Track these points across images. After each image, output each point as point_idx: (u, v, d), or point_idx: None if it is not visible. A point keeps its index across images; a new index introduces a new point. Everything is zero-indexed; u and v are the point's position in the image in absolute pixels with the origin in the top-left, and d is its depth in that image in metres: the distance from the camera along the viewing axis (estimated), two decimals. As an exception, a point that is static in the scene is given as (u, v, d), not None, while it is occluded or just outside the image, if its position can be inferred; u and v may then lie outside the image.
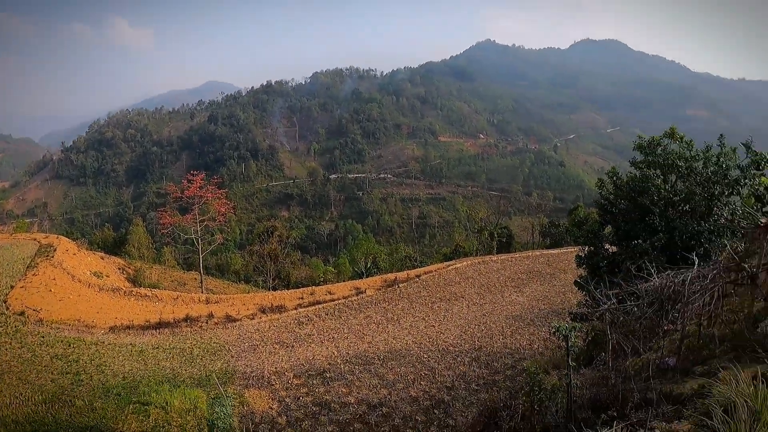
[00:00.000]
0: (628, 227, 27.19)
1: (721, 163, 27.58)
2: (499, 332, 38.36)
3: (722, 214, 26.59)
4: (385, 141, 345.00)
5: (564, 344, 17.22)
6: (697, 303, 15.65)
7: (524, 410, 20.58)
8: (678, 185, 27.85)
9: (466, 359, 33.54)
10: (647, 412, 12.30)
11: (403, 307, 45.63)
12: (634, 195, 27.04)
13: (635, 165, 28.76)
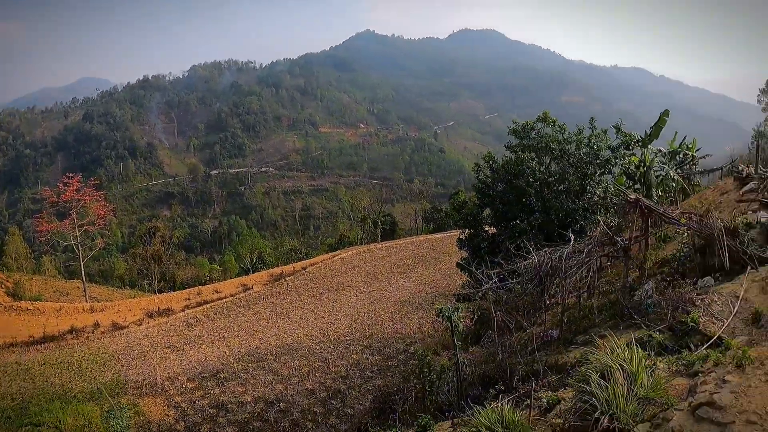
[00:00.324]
0: (506, 209, 28.06)
1: (593, 144, 28.88)
2: (388, 318, 38.84)
3: (595, 192, 27.86)
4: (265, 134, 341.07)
5: (449, 325, 17.70)
6: (575, 277, 16.34)
7: (417, 392, 20.97)
8: (552, 167, 28.97)
9: (359, 347, 33.82)
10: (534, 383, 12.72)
11: (292, 301, 45.59)
12: (510, 178, 27.91)
13: (510, 149, 29.68)
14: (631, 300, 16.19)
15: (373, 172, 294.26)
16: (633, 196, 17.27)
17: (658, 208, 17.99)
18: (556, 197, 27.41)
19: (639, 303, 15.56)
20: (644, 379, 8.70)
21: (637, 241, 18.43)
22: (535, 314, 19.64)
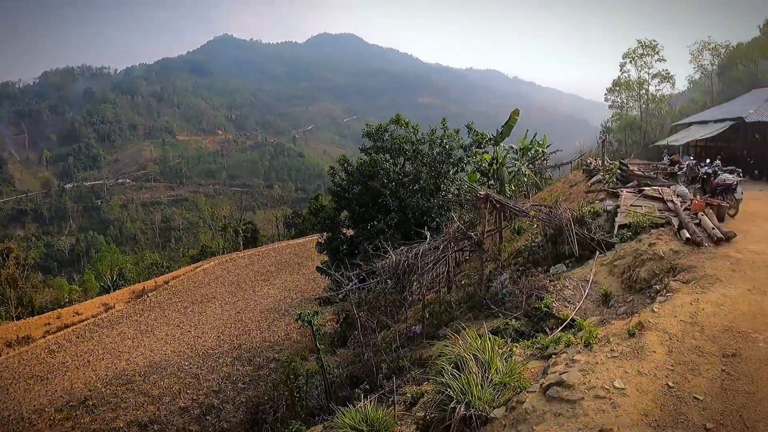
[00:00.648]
0: (362, 210, 28.28)
1: (445, 144, 29.57)
2: (256, 327, 38.32)
3: (449, 189, 28.56)
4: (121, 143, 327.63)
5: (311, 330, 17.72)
6: (432, 273, 16.68)
7: (287, 399, 20.84)
8: (407, 167, 29.45)
9: (228, 359, 33.17)
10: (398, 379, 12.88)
11: (156, 317, 44.15)
12: (365, 180, 28.12)
13: (365, 151, 29.94)
14: (488, 291, 16.68)
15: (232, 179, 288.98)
16: (483, 192, 17.82)
17: (508, 203, 18.67)
18: (411, 196, 27.89)
19: (496, 293, 16.06)
20: (499, 365, 8.95)
21: (491, 235, 19.06)
22: (398, 312, 19.91)
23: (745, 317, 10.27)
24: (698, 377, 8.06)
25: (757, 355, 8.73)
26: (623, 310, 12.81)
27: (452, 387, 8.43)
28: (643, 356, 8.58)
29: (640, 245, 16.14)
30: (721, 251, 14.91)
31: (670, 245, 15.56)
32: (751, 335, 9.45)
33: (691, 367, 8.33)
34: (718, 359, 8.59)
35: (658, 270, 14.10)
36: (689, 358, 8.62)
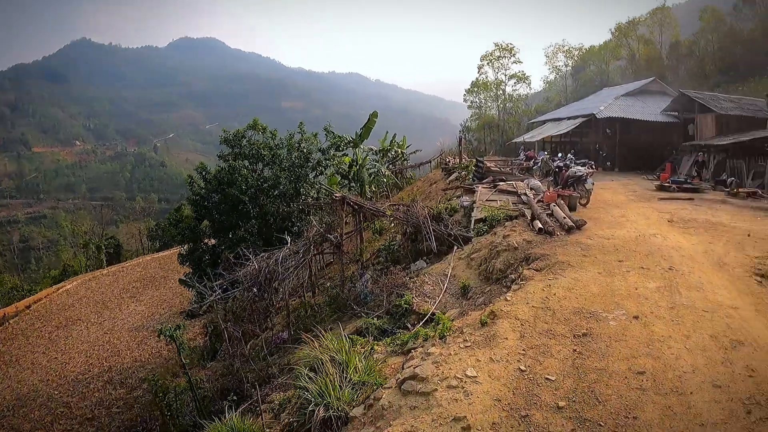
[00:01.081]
0: (223, 219, 27.80)
1: (303, 148, 29.53)
2: (125, 347, 36.98)
3: (309, 194, 28.55)
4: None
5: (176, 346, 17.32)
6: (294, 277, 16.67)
7: (158, 420, 20.32)
8: (266, 172, 29.20)
9: (99, 384, 31.72)
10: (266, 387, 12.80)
11: (20, 345, 41.80)
12: (224, 187, 27.64)
13: (223, 158, 29.48)
14: (351, 292, 16.82)
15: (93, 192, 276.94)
16: (339, 194, 17.95)
17: (365, 203, 18.88)
18: (272, 202, 27.68)
19: (358, 294, 16.20)
20: (357, 364, 9.01)
21: (350, 236, 19.22)
22: (264, 319, 19.77)
23: (596, 298, 10.81)
24: (550, 359, 8.34)
25: (606, 332, 9.18)
26: (481, 300, 13.15)
27: (310, 390, 8.45)
28: (495, 344, 8.80)
29: (495, 238, 16.68)
30: (572, 239, 15.72)
31: (523, 236, 16.18)
32: (601, 314, 9.94)
33: (542, 350, 8.61)
34: (569, 340, 8.95)
35: (512, 260, 14.59)
36: (541, 341, 8.92)
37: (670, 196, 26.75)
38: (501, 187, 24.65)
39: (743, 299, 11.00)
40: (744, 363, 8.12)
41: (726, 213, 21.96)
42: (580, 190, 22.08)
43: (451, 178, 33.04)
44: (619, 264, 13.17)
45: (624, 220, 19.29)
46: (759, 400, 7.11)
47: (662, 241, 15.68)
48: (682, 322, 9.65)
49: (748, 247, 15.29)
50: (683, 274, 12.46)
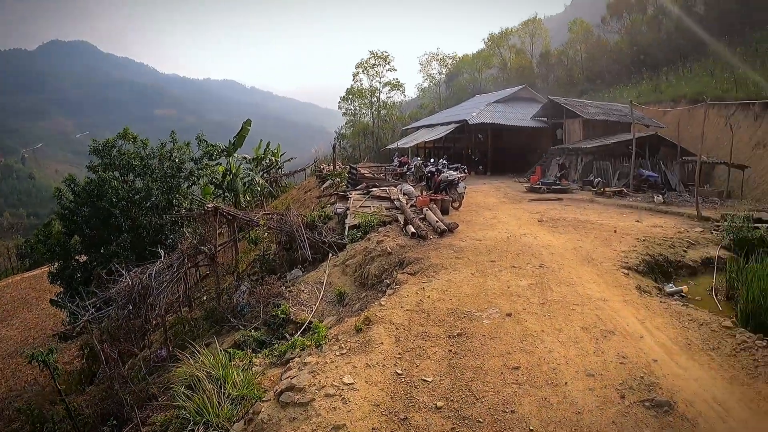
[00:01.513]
0: (94, 233, 26.79)
1: (175, 157, 28.90)
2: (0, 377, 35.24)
3: (182, 204, 27.95)
4: None
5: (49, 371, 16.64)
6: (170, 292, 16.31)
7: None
8: (137, 183, 28.35)
9: (-27, 420, 30.08)
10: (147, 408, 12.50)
11: None
12: (94, 200, 26.64)
13: (92, 169, 28.40)
14: (227, 305, 16.62)
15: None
16: (211, 205, 17.68)
17: (238, 213, 18.65)
18: (144, 215, 26.85)
19: (236, 306, 16.04)
20: (236, 379, 8.87)
21: (225, 248, 18.99)
22: (142, 338, 19.28)
23: (469, 298, 11.01)
24: (426, 360, 8.39)
25: (481, 331, 9.35)
26: (357, 306, 13.18)
27: (188, 409, 8.31)
28: (371, 349, 8.80)
29: (370, 244, 16.78)
30: (445, 241, 16.03)
31: (397, 241, 16.35)
32: (475, 314, 10.13)
33: (418, 353, 8.67)
34: (444, 341, 9.05)
35: (387, 265, 14.68)
36: (416, 344, 8.99)
37: (540, 197, 27.76)
38: (374, 193, 24.86)
39: (612, 291, 11.50)
40: (615, 351, 8.46)
41: (593, 211, 23.08)
42: (453, 194, 22.52)
43: (325, 186, 33.13)
44: (491, 264, 13.50)
45: (496, 221, 19.89)
46: (632, 385, 7.41)
47: (533, 241, 16.24)
48: (554, 316, 9.97)
49: (615, 243, 16.06)
50: (554, 270, 12.93)
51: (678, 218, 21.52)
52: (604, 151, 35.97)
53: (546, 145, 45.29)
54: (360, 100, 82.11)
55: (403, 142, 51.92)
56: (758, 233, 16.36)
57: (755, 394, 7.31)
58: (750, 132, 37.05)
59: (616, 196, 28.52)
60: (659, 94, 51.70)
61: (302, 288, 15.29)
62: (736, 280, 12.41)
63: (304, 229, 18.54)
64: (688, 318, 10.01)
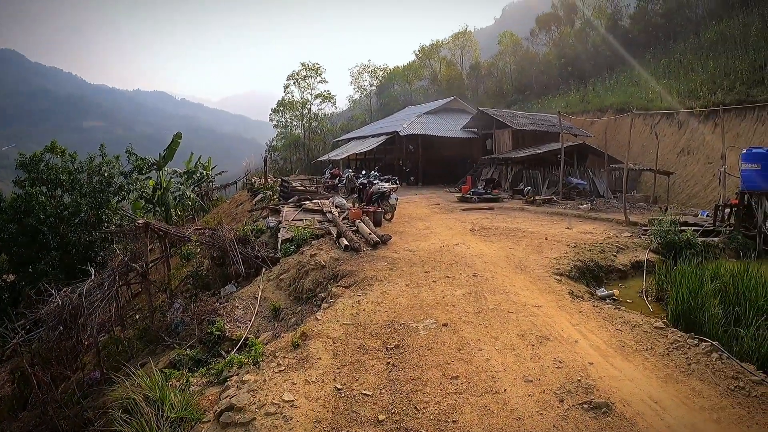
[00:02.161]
0: (21, 251, 26.03)
1: (104, 171, 28.29)
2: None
3: (112, 220, 27.36)
4: None
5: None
6: (101, 311, 15.92)
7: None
8: (66, 199, 27.66)
9: None
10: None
11: None
12: (21, 217, 25.88)
13: (18, 184, 27.61)
14: (161, 323, 16.33)
15: None
16: (142, 220, 17.38)
17: (169, 229, 18.35)
18: (73, 231, 26.18)
19: (169, 324, 15.76)
20: (174, 400, 8.69)
21: (156, 264, 18.66)
22: (74, 360, 18.78)
23: (405, 310, 10.99)
24: (365, 374, 8.32)
25: (418, 342, 9.32)
26: (293, 321, 13.06)
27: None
28: (310, 365, 8.68)
29: (303, 257, 16.68)
30: (379, 253, 16.05)
31: (330, 254, 16.29)
32: (411, 325, 10.11)
33: (357, 366, 8.58)
34: (382, 353, 8.99)
35: (321, 279, 14.60)
36: (355, 357, 8.91)
37: (472, 207, 28.04)
38: (307, 206, 24.80)
39: (545, 298, 11.67)
40: (551, 356, 8.56)
41: (524, 219, 23.46)
42: (385, 205, 22.57)
43: (257, 199, 32.85)
44: (425, 275, 13.54)
45: (428, 232, 20.03)
46: (569, 389, 7.49)
47: (466, 250, 16.37)
48: (489, 324, 10.03)
49: (547, 250, 16.33)
50: (487, 279, 13.04)
51: (607, 224, 22.08)
52: (534, 161, 36.64)
53: (476, 155, 46.01)
54: (291, 112, 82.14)
55: (335, 154, 52.02)
56: (685, 236, 17.02)
57: (690, 390, 7.51)
58: (674, 139, 38.33)
59: (546, 204, 29.01)
60: (587, 104, 53.06)
61: (237, 304, 15.12)
62: (665, 282, 12.85)
63: (236, 244, 18.33)
64: (621, 320, 10.26)
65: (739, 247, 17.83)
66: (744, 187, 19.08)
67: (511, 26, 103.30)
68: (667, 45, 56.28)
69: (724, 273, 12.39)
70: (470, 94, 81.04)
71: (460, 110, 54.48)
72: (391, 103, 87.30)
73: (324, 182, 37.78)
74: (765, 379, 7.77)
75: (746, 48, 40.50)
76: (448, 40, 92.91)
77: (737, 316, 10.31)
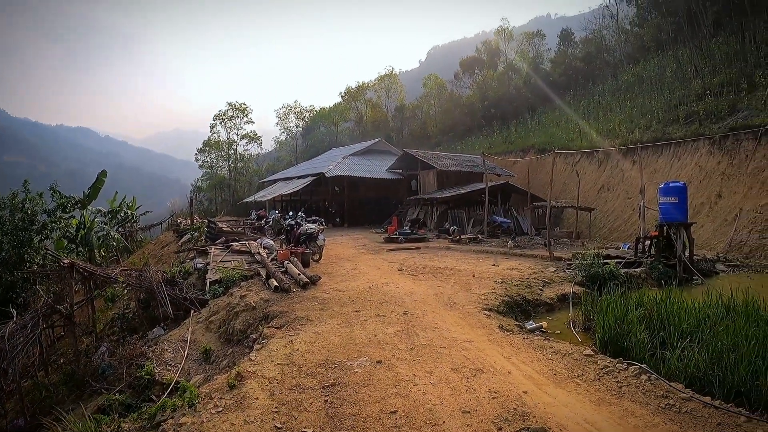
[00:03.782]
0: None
1: (27, 209, 27.49)
2: None
3: (34, 260, 26.53)
4: None
5: None
6: (24, 355, 15.43)
7: None
8: (-12, 236, 26.86)
9: None
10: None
11: None
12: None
13: None
14: (88, 367, 15.91)
15: None
16: (67, 261, 16.98)
17: (95, 270, 17.97)
18: (-7, 271, 25.44)
19: (96, 368, 15.38)
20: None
21: (81, 306, 18.20)
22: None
23: (338, 349, 11.01)
24: (304, 412, 8.27)
25: (354, 380, 9.34)
26: (225, 363, 12.93)
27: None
28: (247, 405, 8.60)
29: (232, 299, 16.57)
30: (309, 294, 16.09)
31: (260, 295, 16.27)
32: (346, 363, 10.13)
33: (295, 405, 8.53)
34: (319, 392, 8.97)
35: (252, 320, 14.52)
36: (292, 396, 8.86)
37: (398, 247, 28.29)
38: (234, 247, 24.71)
39: (476, 332, 11.85)
40: (486, 388, 8.68)
41: (451, 258, 23.81)
42: (312, 246, 22.79)
43: (184, 240, 32.45)
44: (356, 314, 13.62)
45: (357, 272, 20.18)
46: (506, 417, 7.59)
47: (395, 289, 16.54)
48: (423, 360, 10.12)
49: (475, 286, 16.64)
50: (418, 316, 13.17)
51: (532, 260, 22.65)
52: (459, 200, 37.21)
53: (402, 196, 46.50)
54: (217, 152, 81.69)
55: (261, 195, 51.94)
56: (608, 268, 17.60)
57: (623, 411, 7.74)
58: (594, 177, 39.47)
59: (471, 242, 29.50)
60: (509, 144, 54.34)
61: (165, 347, 14.84)
62: (591, 312, 13.27)
63: (164, 285, 18.06)
64: (551, 350, 10.53)
65: (661, 276, 18.63)
66: (663, 220, 19.91)
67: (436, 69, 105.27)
68: (586, 87, 58.34)
69: (648, 301, 12.85)
70: (395, 135, 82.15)
71: (385, 151, 55.25)
72: (317, 144, 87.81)
73: (251, 223, 37.59)
74: (693, 395, 8.12)
75: (662, 88, 42.29)
76: (374, 82, 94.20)
77: (663, 340, 10.71)
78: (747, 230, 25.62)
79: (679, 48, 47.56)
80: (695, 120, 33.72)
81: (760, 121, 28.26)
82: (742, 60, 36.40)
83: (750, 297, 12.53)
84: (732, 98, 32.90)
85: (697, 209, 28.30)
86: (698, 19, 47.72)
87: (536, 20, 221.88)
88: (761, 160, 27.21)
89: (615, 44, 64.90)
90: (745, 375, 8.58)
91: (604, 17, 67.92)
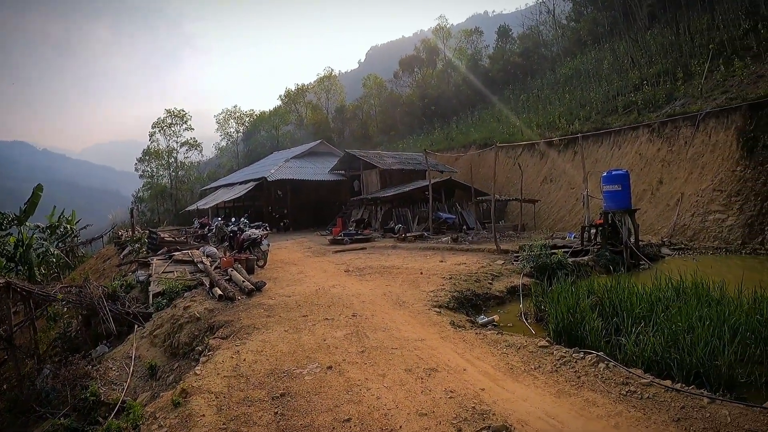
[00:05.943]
0: None
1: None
2: None
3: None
4: None
5: None
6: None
7: None
8: None
9: None
10: None
11: None
12: None
13: None
14: (33, 391, 15.38)
15: None
16: (3, 280, 16.40)
17: (33, 288, 17.40)
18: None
19: (40, 392, 14.86)
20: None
21: (21, 327, 17.60)
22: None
23: (287, 356, 10.73)
24: (253, 427, 7.97)
25: (304, 388, 9.08)
26: (171, 379, 12.55)
27: None
28: (193, 423, 8.25)
29: (176, 311, 16.11)
30: (254, 301, 15.78)
31: (205, 305, 15.84)
32: (295, 371, 9.85)
33: (244, 420, 8.21)
34: (268, 403, 8.68)
35: (197, 331, 14.12)
36: (240, 410, 8.53)
37: (344, 249, 28.18)
38: (177, 257, 24.26)
39: (427, 331, 11.72)
40: (442, 387, 8.53)
41: (398, 256, 23.74)
42: (257, 252, 22.55)
43: (125, 253, 31.79)
44: (304, 319, 13.37)
45: (303, 276, 19.96)
46: (465, 417, 7.44)
47: (342, 291, 16.37)
48: (375, 363, 9.94)
49: (423, 284, 16.56)
50: (367, 318, 13.00)
51: (479, 254, 22.69)
52: (403, 199, 37.22)
53: (346, 197, 46.46)
54: (157, 161, 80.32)
55: (203, 203, 51.28)
56: (556, 258, 17.70)
57: (584, 402, 7.69)
58: (537, 169, 39.81)
59: (417, 240, 29.51)
60: (451, 141, 54.52)
61: (110, 365, 14.41)
62: (543, 303, 13.36)
63: (106, 301, 17.57)
64: (505, 344, 10.45)
65: (608, 262, 18.91)
66: (607, 207, 20.13)
67: (375, 69, 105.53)
68: (525, 82, 59.12)
69: (599, 288, 12.94)
70: (336, 137, 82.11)
71: (327, 153, 55.14)
72: (258, 148, 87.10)
73: (193, 232, 37.05)
74: (654, 380, 8.11)
75: (599, 80, 42.90)
76: (314, 84, 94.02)
77: (617, 327, 10.78)
78: (690, 214, 26.04)
79: (616, 41, 48.48)
80: (634, 109, 34.23)
81: (697, 108, 28.73)
82: (677, 50, 37.09)
83: (699, 278, 12.73)
84: (669, 87, 33.48)
85: (639, 196, 28.66)
86: (634, 12, 48.82)
87: (474, 18, 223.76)
88: (700, 146, 27.67)
89: (552, 39, 66.08)
90: (702, 356, 8.67)
91: (541, 13, 69.38)
